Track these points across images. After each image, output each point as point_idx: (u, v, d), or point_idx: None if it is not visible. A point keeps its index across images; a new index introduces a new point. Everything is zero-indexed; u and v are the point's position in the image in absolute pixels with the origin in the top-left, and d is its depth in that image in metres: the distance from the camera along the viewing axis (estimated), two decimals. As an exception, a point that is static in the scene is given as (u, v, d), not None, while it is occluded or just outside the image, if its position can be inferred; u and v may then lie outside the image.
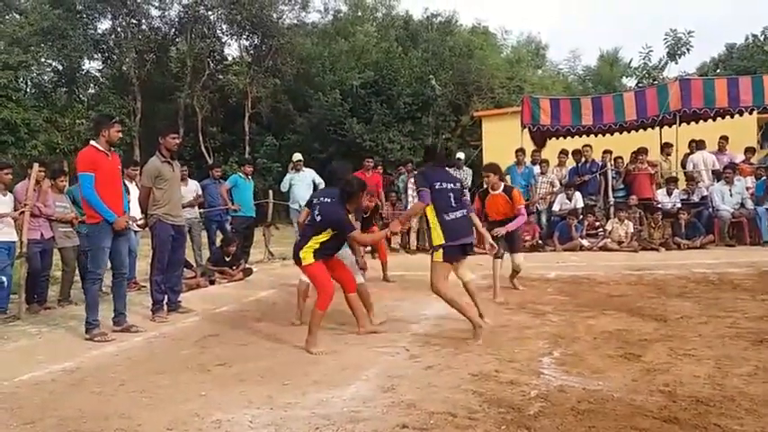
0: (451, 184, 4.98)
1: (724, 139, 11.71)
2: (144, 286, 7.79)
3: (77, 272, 7.62)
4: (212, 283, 8.32)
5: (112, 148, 5.52)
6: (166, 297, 6.35)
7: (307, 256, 4.87)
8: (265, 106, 25.36)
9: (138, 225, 7.08)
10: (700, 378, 3.64)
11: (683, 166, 11.88)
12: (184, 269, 7.39)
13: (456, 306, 4.87)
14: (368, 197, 7.94)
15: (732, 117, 11.88)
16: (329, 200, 4.95)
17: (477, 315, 5.04)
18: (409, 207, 11.67)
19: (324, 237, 4.86)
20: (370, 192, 8.03)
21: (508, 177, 10.22)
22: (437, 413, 3.20)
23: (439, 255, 4.83)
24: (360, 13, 29.29)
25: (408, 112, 22.90)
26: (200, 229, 9.65)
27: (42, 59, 22.94)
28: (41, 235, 6.94)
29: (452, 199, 4.88)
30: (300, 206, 8.96)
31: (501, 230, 6.57)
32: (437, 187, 4.86)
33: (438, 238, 4.82)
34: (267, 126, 25.87)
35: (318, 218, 4.90)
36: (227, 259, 8.71)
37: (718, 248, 10.03)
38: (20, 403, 3.66)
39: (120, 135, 5.67)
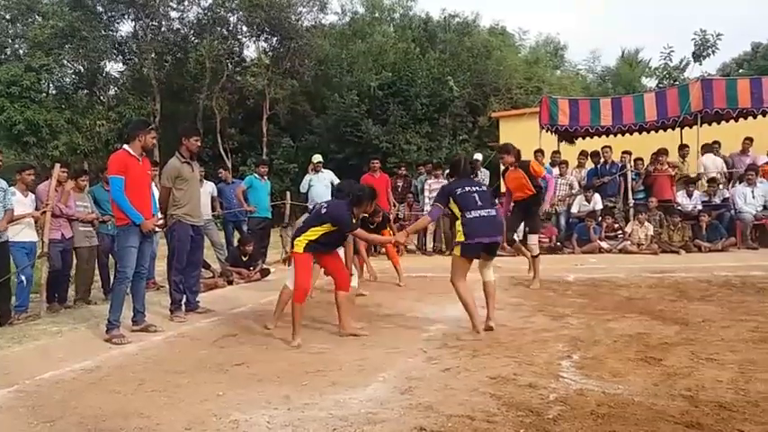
0: (476, 187, 5.19)
1: (748, 140, 11.48)
2: (162, 286, 7.86)
3: (96, 271, 7.73)
4: (230, 283, 8.37)
5: (143, 153, 5.60)
6: (185, 297, 6.40)
7: (299, 244, 5.10)
8: (283, 108, 25.47)
9: (157, 225, 7.14)
10: (723, 383, 3.57)
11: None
12: (202, 269, 7.44)
13: (463, 302, 5.08)
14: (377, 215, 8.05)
15: (755, 117, 11.70)
16: (340, 202, 5.26)
17: (480, 319, 5.12)
18: (425, 210, 11.71)
19: (322, 230, 5.07)
20: (376, 209, 8.13)
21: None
22: (455, 416, 3.17)
23: (458, 250, 5.06)
24: (377, 15, 29.35)
25: (425, 114, 22.83)
26: (215, 229, 9.69)
27: (64, 62, 23.28)
28: (62, 235, 7.05)
29: (478, 199, 5.04)
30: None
31: (546, 205, 7.16)
32: (458, 192, 5.06)
33: (459, 235, 5.01)
34: (285, 127, 25.99)
35: (324, 210, 5.14)
36: (245, 259, 8.76)
37: (741, 251, 9.88)
38: (41, 401, 3.71)
39: (155, 141, 5.81)
